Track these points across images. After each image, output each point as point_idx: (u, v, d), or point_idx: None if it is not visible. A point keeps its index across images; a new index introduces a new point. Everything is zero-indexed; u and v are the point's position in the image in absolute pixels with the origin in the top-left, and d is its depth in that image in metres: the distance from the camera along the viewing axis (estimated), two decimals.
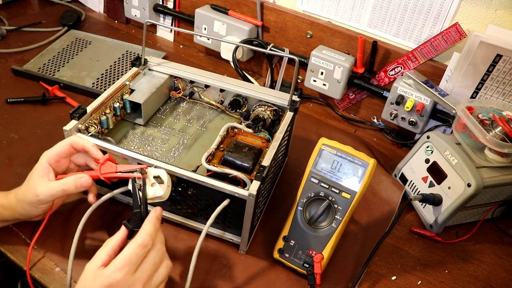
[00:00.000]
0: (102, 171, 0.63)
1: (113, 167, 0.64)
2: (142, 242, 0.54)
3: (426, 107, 0.90)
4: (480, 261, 0.77)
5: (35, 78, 1.03)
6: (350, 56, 0.98)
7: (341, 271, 0.71)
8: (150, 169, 0.63)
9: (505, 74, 0.82)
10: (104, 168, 0.64)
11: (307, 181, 0.68)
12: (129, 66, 1.10)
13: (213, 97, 0.88)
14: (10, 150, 0.84)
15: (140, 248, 0.54)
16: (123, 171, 0.63)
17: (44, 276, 0.65)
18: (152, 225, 0.56)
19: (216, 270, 0.69)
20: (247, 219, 0.66)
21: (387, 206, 0.84)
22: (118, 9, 1.31)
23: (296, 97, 0.80)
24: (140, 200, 0.60)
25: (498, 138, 0.74)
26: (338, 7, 0.99)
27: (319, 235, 0.67)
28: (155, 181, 0.62)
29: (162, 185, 0.62)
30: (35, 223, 0.70)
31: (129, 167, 0.63)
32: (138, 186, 0.61)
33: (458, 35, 0.86)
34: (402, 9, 0.92)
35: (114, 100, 0.79)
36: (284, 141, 0.78)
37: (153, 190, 0.62)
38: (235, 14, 1.09)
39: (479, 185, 0.72)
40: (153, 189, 0.62)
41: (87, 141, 0.66)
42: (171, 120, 0.85)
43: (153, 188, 0.62)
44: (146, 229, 0.55)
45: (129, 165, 0.63)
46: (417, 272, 0.74)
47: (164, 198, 0.63)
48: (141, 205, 0.60)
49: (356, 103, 1.06)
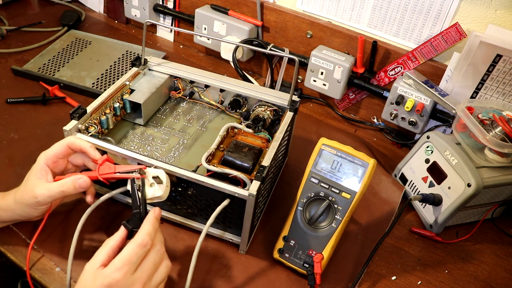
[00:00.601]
0: (101, 172, 0.63)
1: (111, 167, 0.64)
2: (141, 242, 0.54)
3: (426, 107, 0.90)
4: (480, 261, 0.77)
5: (35, 78, 1.03)
6: (350, 56, 0.98)
7: (341, 271, 0.71)
8: (148, 169, 0.63)
9: (505, 74, 0.82)
10: (103, 169, 0.64)
11: (307, 181, 0.68)
12: (129, 66, 1.10)
13: (213, 97, 0.88)
14: (10, 150, 0.84)
15: (139, 248, 0.54)
16: (121, 171, 0.63)
17: (44, 276, 0.65)
18: (151, 225, 0.56)
19: (216, 270, 0.69)
20: (247, 219, 0.66)
21: (387, 206, 0.84)
22: (118, 9, 1.31)
23: (296, 97, 0.80)
24: (139, 200, 0.60)
25: (498, 138, 0.74)
26: (338, 7, 0.99)
27: (319, 235, 0.67)
28: (154, 181, 0.63)
29: (161, 185, 0.63)
30: (34, 223, 0.70)
31: (128, 168, 0.63)
32: (137, 187, 0.61)
33: (458, 35, 0.86)
34: (402, 9, 0.92)
35: (114, 100, 0.79)
36: (284, 141, 0.78)
37: (152, 190, 0.62)
38: (235, 14, 1.09)
39: (479, 185, 0.72)
40: (152, 189, 0.62)
41: (84, 141, 0.65)
42: (171, 120, 0.85)
43: (152, 189, 0.62)
44: (145, 229, 0.55)
45: (128, 166, 0.63)
46: (417, 272, 0.74)
47: (163, 198, 0.63)
48: (140, 205, 0.60)
49: (356, 103, 1.06)
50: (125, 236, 0.57)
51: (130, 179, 0.62)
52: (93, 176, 0.64)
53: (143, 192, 0.61)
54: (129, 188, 0.62)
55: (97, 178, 0.64)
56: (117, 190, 0.65)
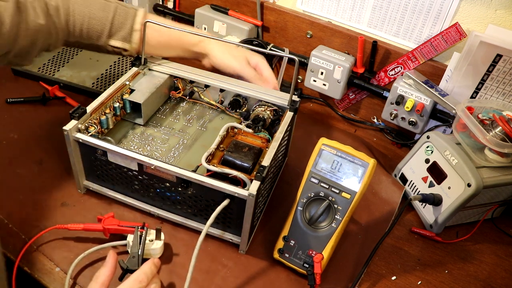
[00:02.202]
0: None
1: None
2: (137, 277, 0.57)
3: (426, 107, 0.90)
4: (480, 261, 0.77)
5: (35, 78, 1.03)
6: (350, 56, 0.98)
7: (341, 271, 0.71)
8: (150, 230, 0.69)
9: (505, 74, 0.82)
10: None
11: (307, 181, 0.68)
12: (129, 66, 1.10)
13: (213, 97, 0.88)
14: (10, 150, 0.84)
15: (135, 282, 0.57)
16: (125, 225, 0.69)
17: (44, 276, 0.65)
18: (149, 268, 0.59)
19: (216, 270, 0.69)
20: (247, 219, 0.66)
21: (387, 206, 0.84)
22: None
23: (296, 97, 0.80)
24: (139, 244, 0.65)
25: (498, 138, 0.74)
26: (338, 7, 0.99)
27: (319, 235, 0.67)
28: (153, 239, 0.68)
29: (159, 242, 0.68)
30: (34, 223, 0.70)
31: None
32: (140, 234, 0.66)
33: (458, 35, 0.86)
34: (402, 9, 0.92)
35: (114, 100, 0.79)
36: (284, 141, 0.78)
37: (150, 244, 0.68)
38: (235, 14, 1.09)
39: (479, 185, 0.72)
40: (151, 243, 0.68)
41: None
42: (171, 120, 0.85)
43: (150, 243, 0.68)
44: (143, 269, 0.59)
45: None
46: (417, 272, 0.74)
47: (157, 253, 0.68)
48: (139, 249, 0.64)
49: (356, 103, 1.06)
50: (114, 271, 0.58)
51: (136, 227, 0.67)
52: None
53: (144, 240, 0.65)
54: (129, 240, 0.67)
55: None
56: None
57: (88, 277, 0.65)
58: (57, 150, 0.84)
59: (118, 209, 0.76)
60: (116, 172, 0.72)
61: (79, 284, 0.64)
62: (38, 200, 0.75)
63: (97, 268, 0.66)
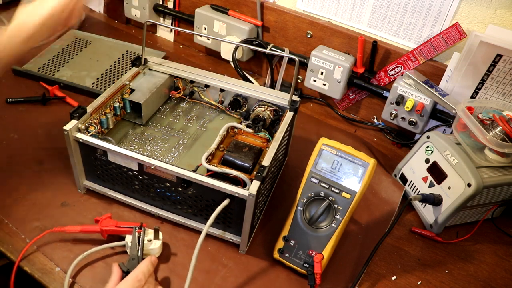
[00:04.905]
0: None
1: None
2: (135, 276, 0.59)
3: (426, 107, 0.90)
4: (480, 261, 0.77)
5: (35, 78, 1.03)
6: (350, 56, 0.98)
7: (341, 271, 0.71)
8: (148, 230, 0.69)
9: (505, 74, 0.82)
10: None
11: (307, 181, 0.68)
12: (129, 66, 1.10)
13: (213, 97, 0.88)
14: (10, 150, 0.84)
15: (134, 282, 0.58)
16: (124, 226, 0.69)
17: (44, 276, 0.65)
18: (146, 266, 0.61)
19: (216, 270, 0.69)
20: (247, 219, 0.66)
21: (387, 206, 0.84)
22: (118, 9, 1.31)
23: (296, 97, 0.80)
24: (138, 245, 0.66)
25: (498, 138, 0.74)
26: (338, 7, 0.99)
27: (319, 235, 0.67)
28: (151, 238, 0.68)
29: (157, 242, 0.68)
30: (34, 223, 0.70)
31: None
32: (138, 234, 0.67)
33: (458, 35, 0.86)
34: (402, 9, 0.92)
35: (114, 100, 0.79)
36: (284, 141, 0.78)
37: (149, 244, 0.68)
38: (235, 14, 1.09)
39: (479, 185, 0.72)
40: (149, 244, 0.68)
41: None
42: (171, 120, 0.85)
43: (149, 243, 0.68)
44: (140, 268, 0.61)
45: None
46: (417, 272, 0.74)
47: (156, 253, 0.68)
48: (138, 250, 0.65)
49: (356, 103, 1.06)
50: (120, 277, 0.61)
51: (133, 227, 0.67)
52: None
53: (143, 241, 0.66)
54: (127, 240, 0.67)
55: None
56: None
57: (87, 277, 0.65)
58: (57, 150, 0.84)
59: (118, 209, 0.76)
60: (116, 172, 0.72)
61: (79, 284, 0.64)
62: (38, 200, 0.75)
63: (96, 268, 0.67)
